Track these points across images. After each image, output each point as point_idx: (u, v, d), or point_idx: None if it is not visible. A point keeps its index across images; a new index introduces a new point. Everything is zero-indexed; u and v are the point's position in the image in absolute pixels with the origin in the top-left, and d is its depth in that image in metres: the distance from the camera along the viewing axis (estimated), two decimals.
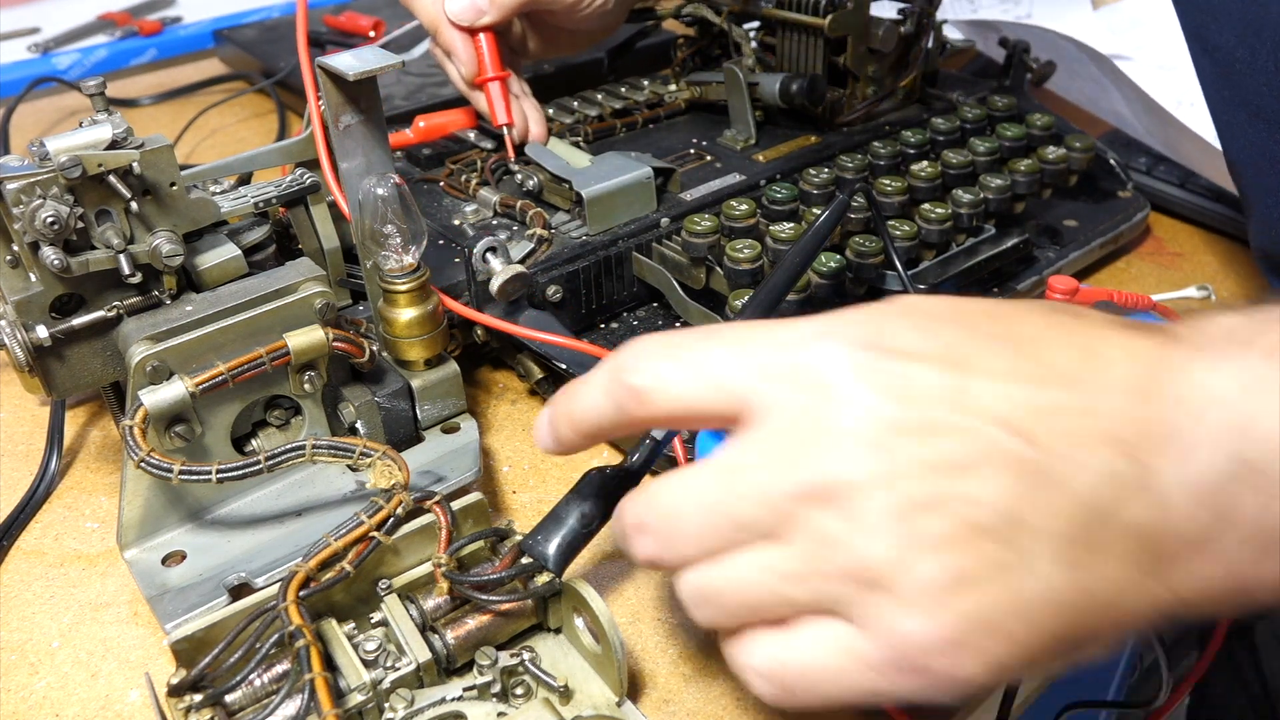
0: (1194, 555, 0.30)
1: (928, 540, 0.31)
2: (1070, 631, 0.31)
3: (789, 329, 0.34)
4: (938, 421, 0.31)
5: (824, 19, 0.74)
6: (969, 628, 0.30)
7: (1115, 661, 1.01)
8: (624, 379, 0.36)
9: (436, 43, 0.73)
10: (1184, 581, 0.31)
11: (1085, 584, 0.30)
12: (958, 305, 0.35)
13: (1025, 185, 0.72)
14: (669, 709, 0.46)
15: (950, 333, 0.33)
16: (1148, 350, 0.32)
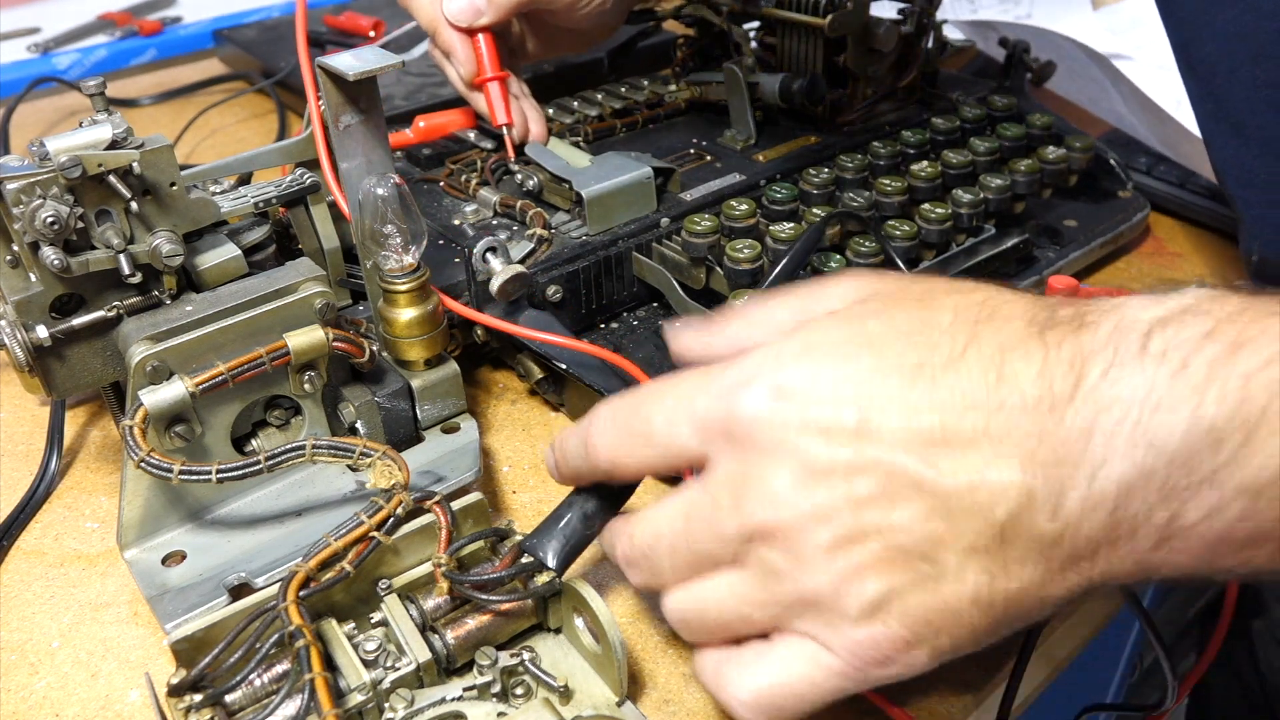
0: (1100, 553, 0.33)
1: (861, 567, 0.35)
2: (999, 617, 0.35)
3: (720, 379, 0.38)
4: (855, 461, 0.35)
5: (824, 19, 0.74)
6: (915, 629, 0.35)
7: (1115, 662, 1.01)
8: (590, 452, 0.41)
9: (435, 44, 0.73)
10: (1095, 571, 0.34)
11: (1003, 585, 0.34)
12: (874, 327, 0.37)
13: (1025, 185, 0.72)
14: (669, 709, 0.46)
15: (860, 367, 0.36)
16: (1056, 366, 0.34)
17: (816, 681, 0.37)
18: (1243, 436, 0.31)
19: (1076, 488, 0.33)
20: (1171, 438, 0.31)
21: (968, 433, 0.34)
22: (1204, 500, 0.31)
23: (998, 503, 0.33)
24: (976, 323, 0.36)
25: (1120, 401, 0.32)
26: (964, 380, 0.35)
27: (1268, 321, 0.32)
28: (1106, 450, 0.32)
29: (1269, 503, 0.31)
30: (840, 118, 0.80)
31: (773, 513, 0.36)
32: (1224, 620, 0.63)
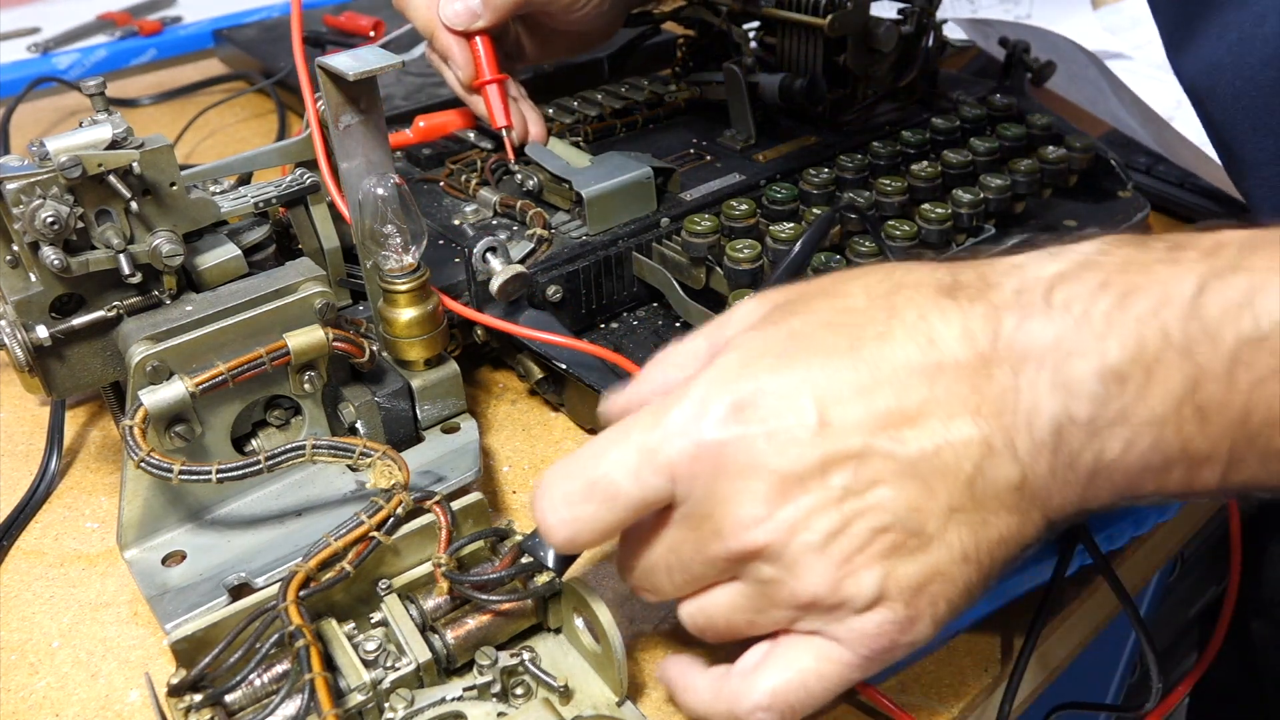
0: (1054, 493, 0.36)
1: (851, 558, 0.36)
2: (987, 569, 0.37)
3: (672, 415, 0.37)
4: (826, 458, 0.36)
5: (824, 19, 0.74)
6: (914, 603, 0.36)
7: (1115, 663, 1.01)
8: (546, 532, 0.40)
9: (433, 48, 0.73)
10: (1051, 509, 0.37)
11: (984, 536, 0.36)
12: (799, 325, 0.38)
13: (1025, 185, 0.72)
14: (669, 709, 0.46)
15: (800, 365, 0.37)
16: (973, 324, 0.36)
17: (827, 675, 0.38)
18: (1143, 376, 0.34)
19: (1020, 433, 0.35)
20: (1085, 382, 0.34)
21: (918, 402, 0.36)
22: (1120, 434, 0.34)
23: (963, 458, 0.35)
24: (889, 296, 0.38)
25: (1035, 353, 0.35)
26: (899, 352, 0.36)
27: (1154, 269, 0.35)
28: (1034, 398, 0.35)
29: (1172, 430, 0.34)
30: (840, 118, 0.80)
31: (758, 533, 0.36)
32: (1224, 620, 0.63)
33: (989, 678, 0.49)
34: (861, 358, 0.36)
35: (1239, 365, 0.33)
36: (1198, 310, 0.33)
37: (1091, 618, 0.59)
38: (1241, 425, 0.33)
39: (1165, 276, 0.34)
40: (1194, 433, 0.34)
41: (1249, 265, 0.33)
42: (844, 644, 0.38)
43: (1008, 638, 0.50)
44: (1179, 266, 0.34)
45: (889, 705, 0.46)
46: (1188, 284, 0.34)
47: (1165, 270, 0.34)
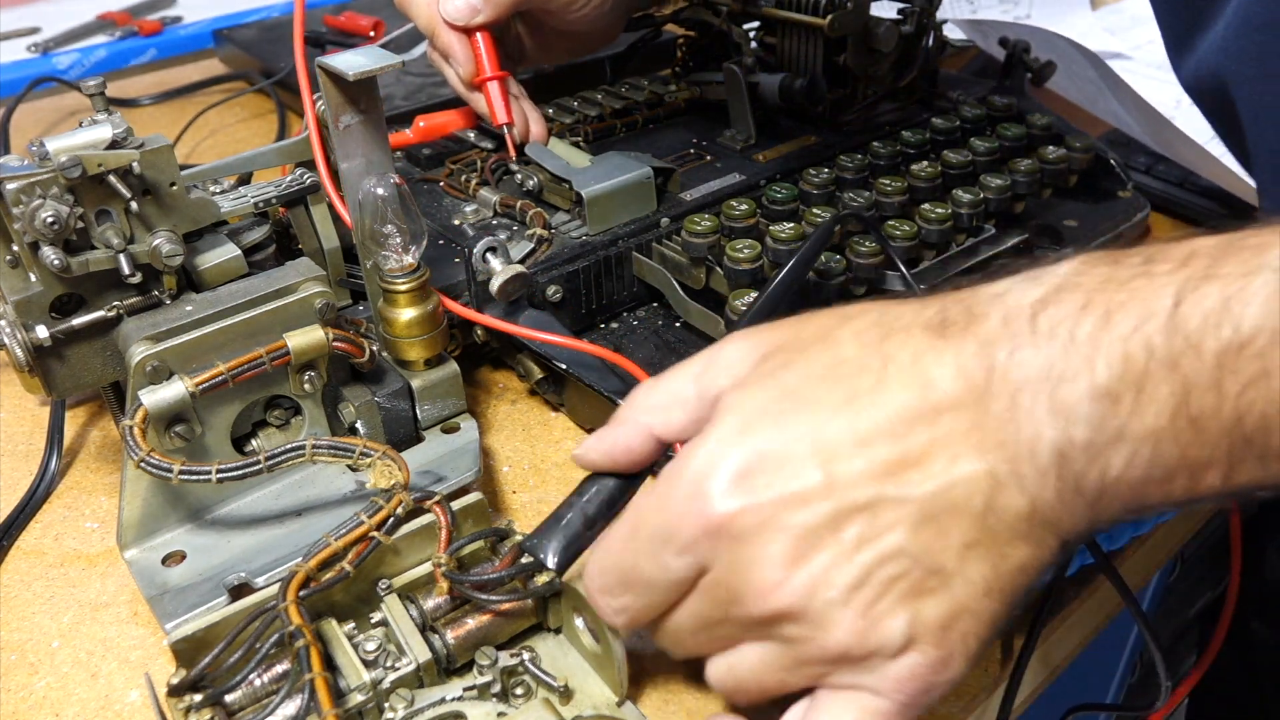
0: (1063, 519, 0.36)
1: (874, 606, 0.36)
2: (1009, 600, 0.37)
3: (677, 493, 0.38)
4: (835, 514, 0.36)
5: (824, 19, 0.74)
6: (944, 642, 0.36)
7: (1115, 663, 1.01)
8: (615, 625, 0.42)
9: (434, 45, 0.73)
10: (1067, 529, 0.37)
11: (1003, 568, 0.36)
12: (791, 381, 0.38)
13: (1025, 185, 0.72)
14: (669, 709, 0.46)
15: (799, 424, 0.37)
16: (966, 361, 0.36)
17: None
18: (1134, 392, 0.34)
19: (1023, 462, 0.35)
20: (1080, 405, 0.35)
21: (921, 446, 0.36)
22: (1120, 452, 0.35)
23: (972, 494, 0.36)
24: (880, 343, 0.38)
25: (1029, 381, 0.35)
26: (896, 399, 0.37)
27: (1131, 285, 0.35)
28: (1033, 426, 0.35)
29: (1169, 443, 0.34)
30: (840, 118, 0.80)
31: (779, 596, 0.36)
32: (1224, 620, 0.63)
33: (989, 678, 0.49)
34: (859, 409, 0.37)
35: (1225, 373, 0.33)
36: (1178, 323, 0.34)
37: (1092, 617, 0.59)
38: (1236, 429, 0.34)
39: (1143, 292, 0.35)
40: (1191, 441, 0.34)
41: (1221, 273, 0.34)
42: (881, 694, 0.37)
43: (1008, 638, 0.50)
44: (1155, 280, 0.35)
45: None
46: (1166, 297, 0.34)
47: (1142, 285, 0.35)
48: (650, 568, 0.39)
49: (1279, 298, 0.33)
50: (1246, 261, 0.34)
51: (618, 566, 0.41)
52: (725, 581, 0.38)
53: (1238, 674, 0.83)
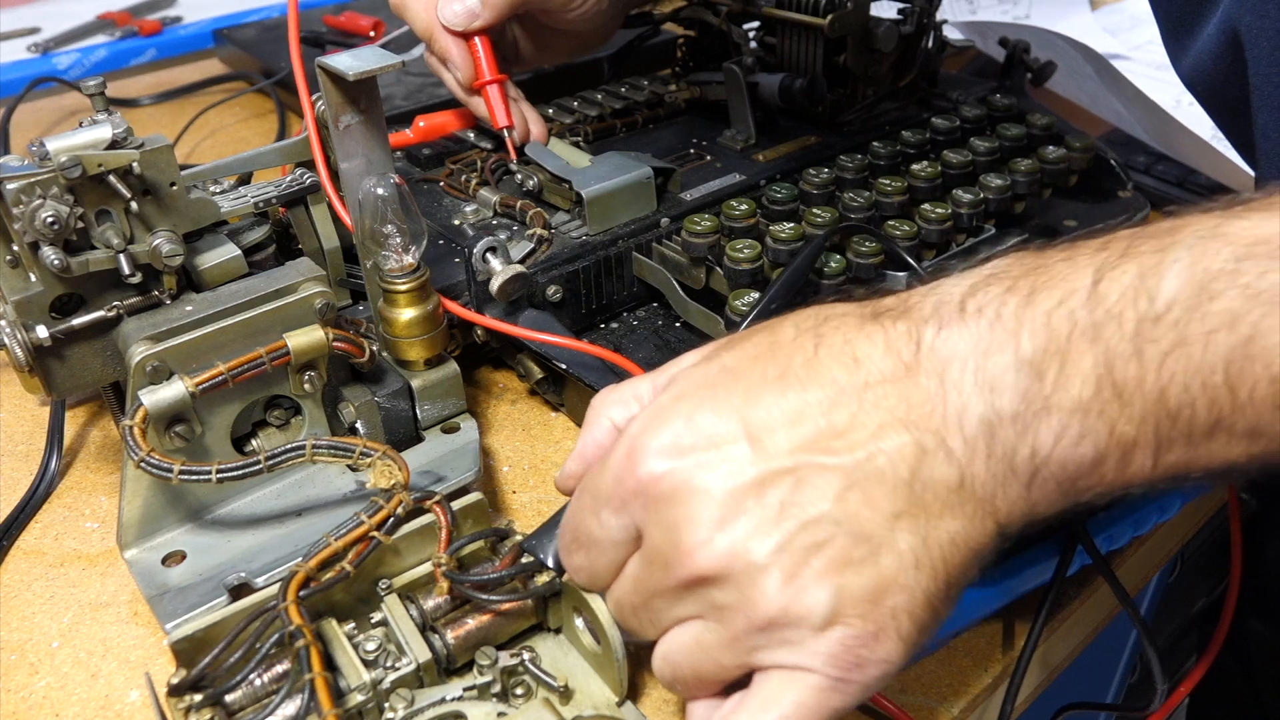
0: (998, 497, 0.36)
1: (798, 572, 0.36)
2: (944, 577, 0.37)
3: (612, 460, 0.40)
4: (759, 480, 0.37)
5: (824, 19, 0.74)
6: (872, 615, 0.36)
7: (1115, 663, 1.01)
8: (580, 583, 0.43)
9: (432, 50, 0.73)
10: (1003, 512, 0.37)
11: (933, 539, 0.36)
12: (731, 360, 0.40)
13: (1025, 185, 0.72)
14: (669, 709, 0.46)
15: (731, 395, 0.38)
16: (896, 340, 0.38)
17: (805, 703, 0.37)
18: (1058, 364, 0.35)
19: (951, 434, 0.36)
20: (1005, 376, 0.36)
21: (847, 418, 0.37)
22: (1048, 425, 0.35)
23: (898, 463, 0.36)
24: (816, 328, 0.39)
25: (957, 356, 0.36)
26: (826, 374, 0.38)
27: (1054, 268, 0.37)
28: (961, 398, 0.36)
29: (1097, 416, 0.35)
30: (840, 118, 0.80)
31: (702, 556, 0.37)
32: (1225, 620, 0.63)
33: (989, 678, 0.49)
34: (789, 384, 0.38)
35: (1144, 342, 0.34)
36: (1098, 297, 0.35)
37: (1092, 618, 0.59)
38: (1160, 403, 0.34)
39: (1065, 272, 0.36)
40: (1117, 416, 0.35)
41: (1136, 251, 0.36)
42: (812, 669, 0.37)
43: (1008, 638, 0.50)
44: (1075, 263, 0.36)
45: (889, 706, 0.46)
46: (1086, 276, 0.36)
47: (1064, 267, 0.37)
48: (594, 525, 0.41)
49: (1190, 272, 0.34)
50: (1161, 240, 0.35)
51: (571, 525, 0.42)
52: (657, 544, 0.38)
53: (1237, 674, 0.83)
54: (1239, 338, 0.33)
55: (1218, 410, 0.34)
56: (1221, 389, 0.34)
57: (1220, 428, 0.34)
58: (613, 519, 0.40)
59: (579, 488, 0.42)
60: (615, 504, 0.40)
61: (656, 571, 0.39)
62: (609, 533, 0.40)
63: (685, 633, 0.39)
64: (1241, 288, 0.33)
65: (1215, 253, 0.34)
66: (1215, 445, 0.35)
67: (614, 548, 0.41)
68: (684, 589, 0.38)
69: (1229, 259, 0.34)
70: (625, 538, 0.40)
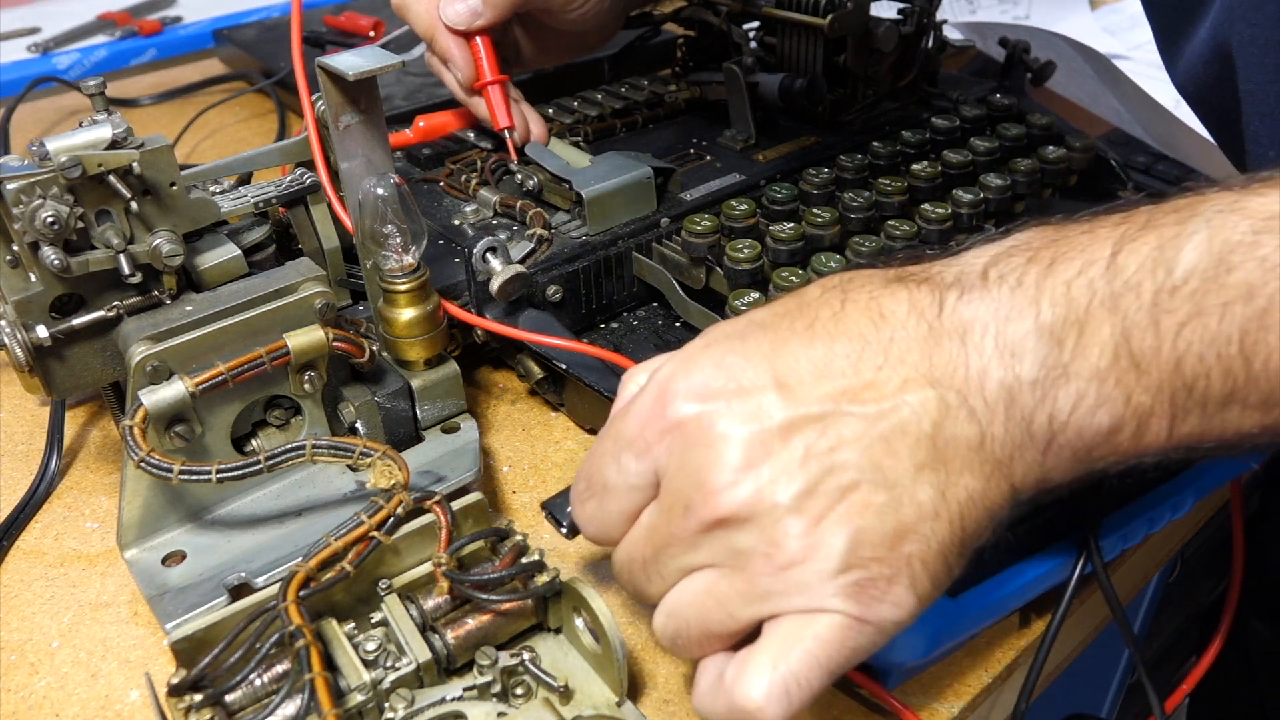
0: (1016, 455, 0.37)
1: (823, 517, 0.36)
2: (959, 532, 0.37)
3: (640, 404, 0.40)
4: (786, 425, 0.37)
5: (824, 19, 0.74)
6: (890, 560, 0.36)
7: (1115, 662, 1.01)
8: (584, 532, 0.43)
9: (433, 50, 0.73)
10: (1019, 476, 0.37)
11: (952, 494, 0.37)
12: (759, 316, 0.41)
13: (1025, 185, 0.72)
14: (669, 709, 0.46)
15: (760, 344, 0.39)
16: (920, 300, 0.38)
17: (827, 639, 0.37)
18: (1077, 331, 0.36)
19: (973, 394, 0.37)
20: (1026, 342, 0.36)
21: (873, 369, 0.37)
22: (1068, 392, 0.36)
23: (922, 416, 0.37)
24: (842, 286, 0.40)
25: (979, 320, 0.37)
26: (853, 328, 0.38)
27: (1075, 240, 0.38)
28: (982, 361, 0.37)
29: (1114, 384, 0.36)
30: (840, 118, 0.80)
31: (726, 497, 0.37)
32: (1226, 619, 0.63)
33: (989, 677, 0.49)
34: (816, 335, 0.39)
35: (1161, 312, 0.35)
36: (1116, 268, 0.36)
37: (1091, 618, 0.59)
38: (1176, 373, 0.35)
39: (1085, 244, 0.37)
40: (1134, 384, 0.35)
41: (1156, 224, 0.36)
42: (830, 608, 0.37)
43: (1007, 637, 0.50)
44: (1096, 235, 0.37)
45: (894, 703, 0.46)
46: (1105, 247, 0.36)
47: (1085, 239, 0.37)
48: (611, 470, 0.41)
49: (1209, 244, 0.34)
50: (1180, 214, 0.36)
51: (587, 471, 0.42)
52: (678, 487, 0.38)
53: (1237, 674, 0.83)
54: (1255, 309, 0.34)
55: (1232, 380, 0.34)
56: (1237, 359, 0.34)
57: (1235, 398, 0.35)
58: (633, 463, 0.40)
59: (600, 435, 0.42)
60: (639, 447, 0.40)
61: (676, 516, 0.39)
62: (626, 477, 0.40)
63: (695, 583, 0.39)
64: (1259, 260, 0.34)
65: (1233, 226, 0.35)
66: (1229, 415, 0.35)
67: (629, 493, 0.40)
68: (702, 533, 0.38)
69: (1247, 231, 0.34)
70: (643, 483, 0.40)
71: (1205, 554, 0.95)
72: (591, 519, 0.42)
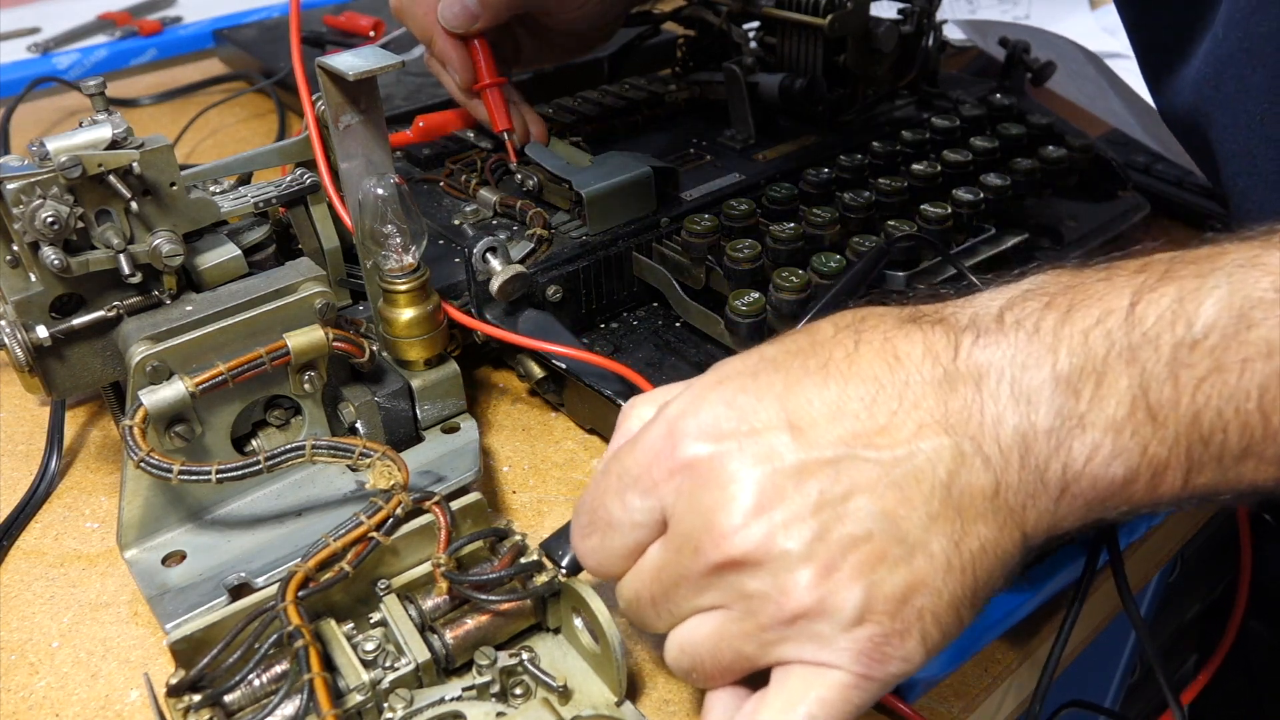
0: (1029, 504, 0.37)
1: (834, 566, 0.36)
2: (972, 584, 0.37)
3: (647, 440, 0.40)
4: (800, 469, 0.37)
5: (824, 19, 0.74)
6: (901, 615, 0.36)
7: (1115, 662, 1.01)
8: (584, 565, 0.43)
9: (432, 53, 0.73)
10: (1031, 523, 0.37)
11: (966, 545, 0.36)
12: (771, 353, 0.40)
13: (1025, 185, 0.72)
14: (669, 709, 0.46)
15: (773, 384, 0.39)
16: (935, 343, 0.38)
17: (830, 700, 0.37)
18: (1095, 382, 0.35)
19: (988, 442, 0.36)
20: (1042, 390, 0.36)
21: (887, 413, 0.37)
22: (1082, 442, 0.36)
23: (936, 464, 0.36)
24: (855, 325, 0.40)
25: (994, 365, 0.37)
26: (867, 369, 0.38)
27: (1092, 287, 0.37)
28: (998, 409, 0.36)
29: (1131, 436, 0.35)
30: (840, 118, 0.80)
31: (737, 541, 0.37)
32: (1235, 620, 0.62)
33: (989, 678, 0.49)
34: (830, 376, 0.38)
35: (1180, 367, 0.34)
36: (1135, 319, 0.35)
37: (1092, 617, 0.59)
38: (1193, 427, 0.35)
39: (1103, 292, 0.37)
40: (1150, 437, 0.35)
41: (1176, 275, 0.36)
42: (838, 665, 0.37)
43: (1008, 637, 0.50)
44: (1113, 283, 0.37)
45: (902, 707, 0.46)
46: (1124, 297, 0.36)
47: (1102, 287, 0.37)
48: (616, 507, 0.40)
49: (1230, 299, 0.34)
50: (1200, 266, 0.36)
51: (589, 506, 0.42)
52: (688, 528, 0.38)
53: (1236, 673, 0.83)
54: (1275, 366, 0.33)
55: (1249, 435, 0.34)
56: (1255, 415, 0.34)
57: (1251, 453, 0.35)
58: (638, 500, 0.39)
59: (602, 469, 0.42)
60: (646, 484, 0.39)
61: (685, 557, 0.38)
62: (631, 514, 0.40)
63: (706, 622, 0.39)
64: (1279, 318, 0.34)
65: (1255, 282, 0.34)
66: (1245, 469, 0.35)
67: (633, 531, 0.40)
68: (711, 574, 0.38)
69: (1269, 288, 0.34)
70: (647, 520, 0.39)
71: (1205, 554, 0.95)
72: (593, 553, 0.42)
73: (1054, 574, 0.48)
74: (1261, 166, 0.56)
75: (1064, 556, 0.48)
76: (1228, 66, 0.55)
